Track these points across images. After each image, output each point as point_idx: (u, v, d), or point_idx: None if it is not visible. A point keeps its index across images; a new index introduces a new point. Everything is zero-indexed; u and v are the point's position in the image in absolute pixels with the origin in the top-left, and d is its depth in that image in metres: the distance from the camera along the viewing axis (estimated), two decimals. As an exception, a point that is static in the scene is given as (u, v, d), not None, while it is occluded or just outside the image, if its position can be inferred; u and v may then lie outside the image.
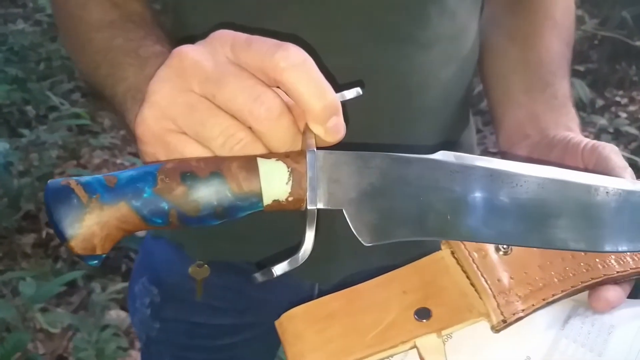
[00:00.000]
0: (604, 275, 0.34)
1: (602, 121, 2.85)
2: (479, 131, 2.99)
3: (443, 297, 0.36)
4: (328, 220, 0.34)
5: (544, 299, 0.33)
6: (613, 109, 3.18)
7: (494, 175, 0.32)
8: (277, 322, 0.39)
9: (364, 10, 0.47)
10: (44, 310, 1.69)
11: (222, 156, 0.31)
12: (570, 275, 0.34)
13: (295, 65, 0.29)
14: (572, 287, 0.34)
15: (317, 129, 0.30)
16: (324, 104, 0.30)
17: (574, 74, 3.31)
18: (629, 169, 0.39)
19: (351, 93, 0.32)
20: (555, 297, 0.34)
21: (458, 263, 0.37)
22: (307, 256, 0.31)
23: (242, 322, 0.61)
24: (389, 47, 0.49)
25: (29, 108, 2.92)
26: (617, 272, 0.35)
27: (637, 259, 0.36)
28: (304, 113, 0.30)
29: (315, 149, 0.30)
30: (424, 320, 0.35)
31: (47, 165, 2.32)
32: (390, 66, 0.49)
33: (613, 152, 0.40)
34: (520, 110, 0.51)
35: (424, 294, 0.36)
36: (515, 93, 0.53)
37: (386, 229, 0.32)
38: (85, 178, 0.30)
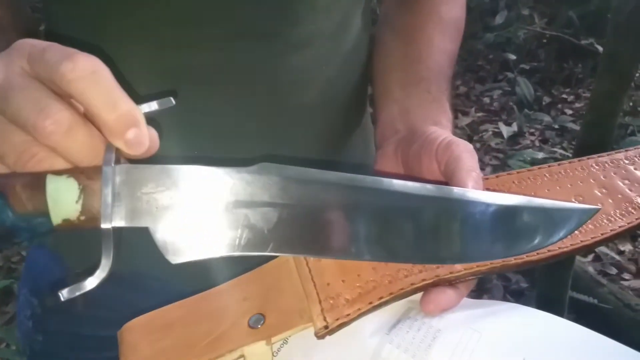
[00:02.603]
0: (436, 276, 0.34)
1: (547, 118, 2.92)
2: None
3: (280, 303, 0.35)
4: None
5: (370, 303, 0.33)
6: (560, 106, 3.26)
7: (308, 186, 0.31)
8: (118, 333, 0.38)
9: (228, 5, 0.46)
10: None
11: (11, 173, 0.29)
12: (402, 277, 0.34)
13: (82, 76, 0.27)
14: (400, 289, 0.33)
15: (115, 142, 0.29)
16: (116, 116, 0.28)
17: (521, 72, 3.38)
18: (474, 173, 0.36)
19: (155, 105, 0.30)
20: (382, 300, 0.33)
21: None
22: (100, 280, 0.29)
23: (130, 332, 0.59)
24: (256, 45, 0.47)
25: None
26: (451, 272, 0.34)
27: None
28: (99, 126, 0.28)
29: (112, 164, 0.29)
30: (259, 326, 0.34)
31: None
32: (259, 65, 0.48)
33: (465, 152, 0.38)
34: (395, 105, 0.50)
35: (263, 300, 0.35)
36: (392, 88, 0.52)
37: (196, 246, 0.30)
38: None
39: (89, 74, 0.28)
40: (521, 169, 0.41)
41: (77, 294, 0.29)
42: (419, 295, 0.35)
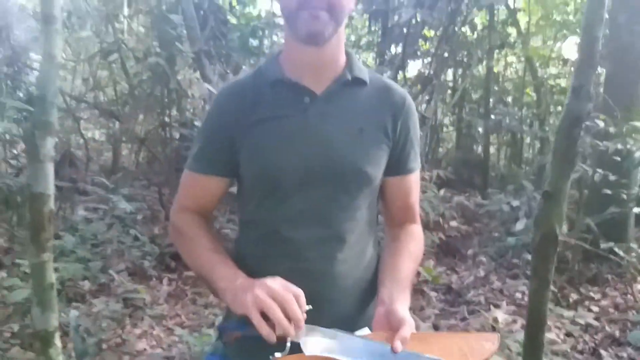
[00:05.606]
0: None
1: (570, 314, 3.12)
2: (464, 319, 3.29)
3: None
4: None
5: None
6: (587, 302, 3.41)
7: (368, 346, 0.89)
8: None
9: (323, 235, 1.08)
10: None
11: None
12: None
13: (297, 307, 0.86)
14: None
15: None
16: (300, 323, 0.86)
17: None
18: (402, 338, 0.88)
19: (306, 307, 0.87)
20: None
21: None
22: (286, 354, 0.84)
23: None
24: (321, 263, 1.08)
25: (85, 282, 3.46)
26: None
27: None
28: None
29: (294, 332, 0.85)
30: None
31: (102, 331, 2.79)
32: (324, 271, 1.08)
33: (406, 326, 0.90)
34: (385, 289, 1.03)
35: None
36: (385, 282, 1.06)
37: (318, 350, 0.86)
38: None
39: (297, 307, 0.87)
40: None
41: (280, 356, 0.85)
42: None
